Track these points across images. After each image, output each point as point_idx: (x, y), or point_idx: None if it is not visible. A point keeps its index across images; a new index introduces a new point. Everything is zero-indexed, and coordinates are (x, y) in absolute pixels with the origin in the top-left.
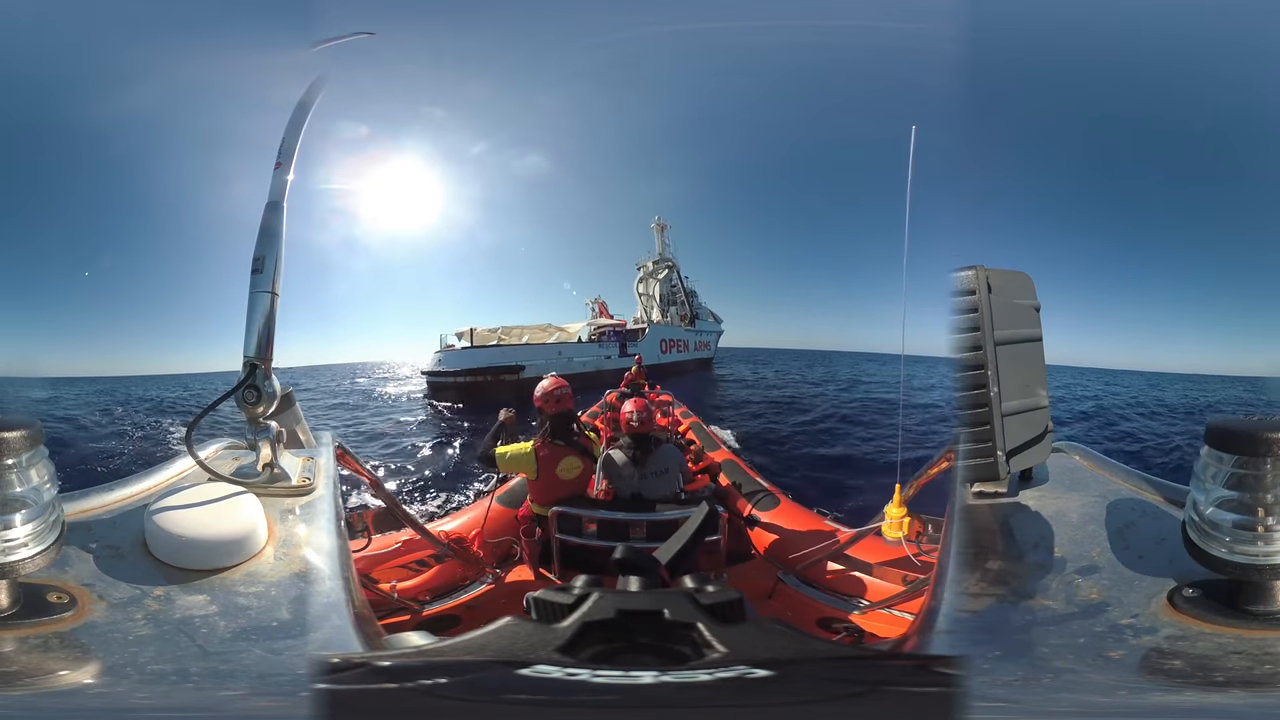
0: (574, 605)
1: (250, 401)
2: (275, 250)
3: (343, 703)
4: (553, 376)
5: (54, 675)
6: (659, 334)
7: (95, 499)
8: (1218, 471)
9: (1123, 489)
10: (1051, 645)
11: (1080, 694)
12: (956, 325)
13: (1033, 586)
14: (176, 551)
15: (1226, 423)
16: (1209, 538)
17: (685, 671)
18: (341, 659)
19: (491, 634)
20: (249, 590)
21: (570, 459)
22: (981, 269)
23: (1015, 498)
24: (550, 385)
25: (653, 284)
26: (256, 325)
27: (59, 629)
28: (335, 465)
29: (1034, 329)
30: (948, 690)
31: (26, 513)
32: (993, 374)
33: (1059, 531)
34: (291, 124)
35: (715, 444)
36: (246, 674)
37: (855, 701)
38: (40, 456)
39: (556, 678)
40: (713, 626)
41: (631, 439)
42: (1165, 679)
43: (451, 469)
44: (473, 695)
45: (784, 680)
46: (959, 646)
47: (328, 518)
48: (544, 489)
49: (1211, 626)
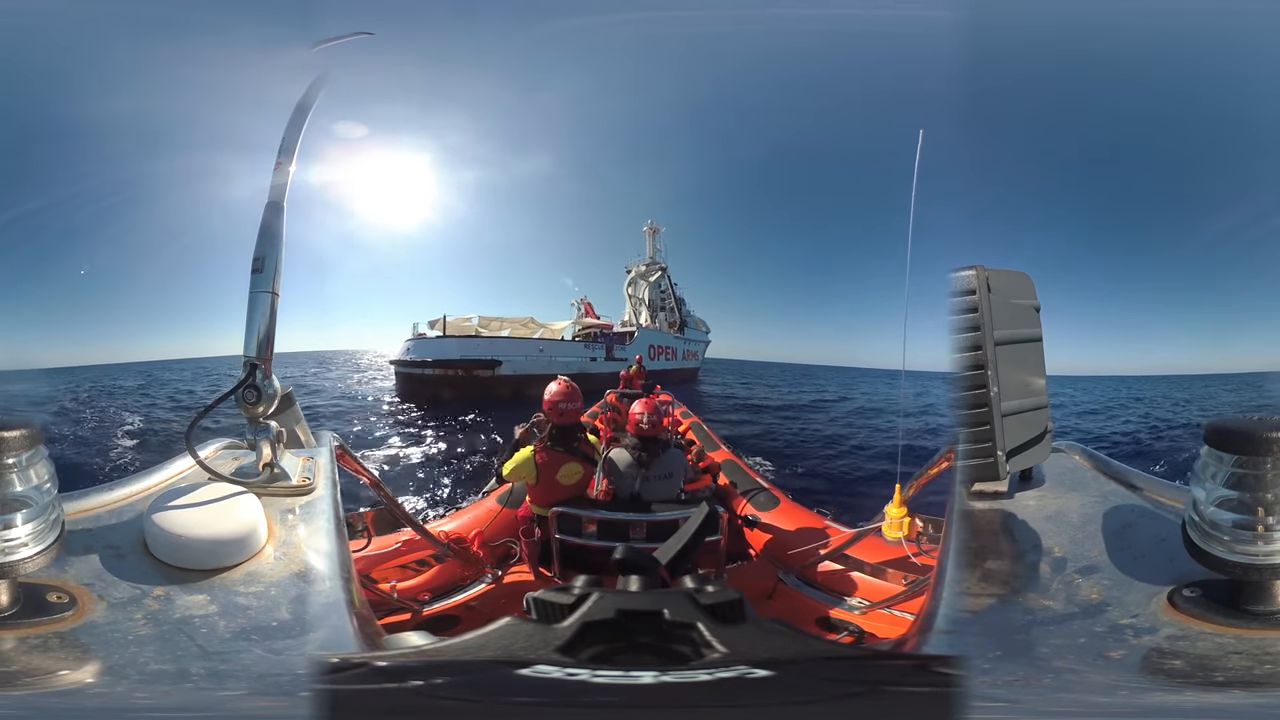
0: (574, 605)
1: (250, 401)
2: (275, 250)
3: (343, 703)
4: (562, 381)
5: (54, 675)
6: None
7: (95, 499)
8: (1217, 471)
9: (1122, 489)
10: (1051, 645)
11: (1080, 694)
12: (956, 325)
13: (1033, 587)
14: (176, 551)
15: (1226, 423)
16: (1209, 538)
17: (685, 672)
18: (341, 659)
19: (491, 634)
20: (249, 590)
21: (571, 465)
22: (982, 269)
23: (1015, 498)
24: (558, 394)
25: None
26: (257, 325)
27: (59, 629)
28: (335, 465)
29: (1034, 329)
30: (948, 690)
31: (26, 513)
32: (993, 374)
33: (1059, 532)
34: (291, 124)
35: (715, 444)
36: (246, 674)
37: (855, 701)
38: (40, 456)
39: (556, 678)
40: (713, 626)
41: (639, 440)
42: (1165, 679)
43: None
44: (473, 695)
45: (784, 680)
46: (959, 646)
47: (328, 518)
48: (544, 493)
49: (1211, 626)
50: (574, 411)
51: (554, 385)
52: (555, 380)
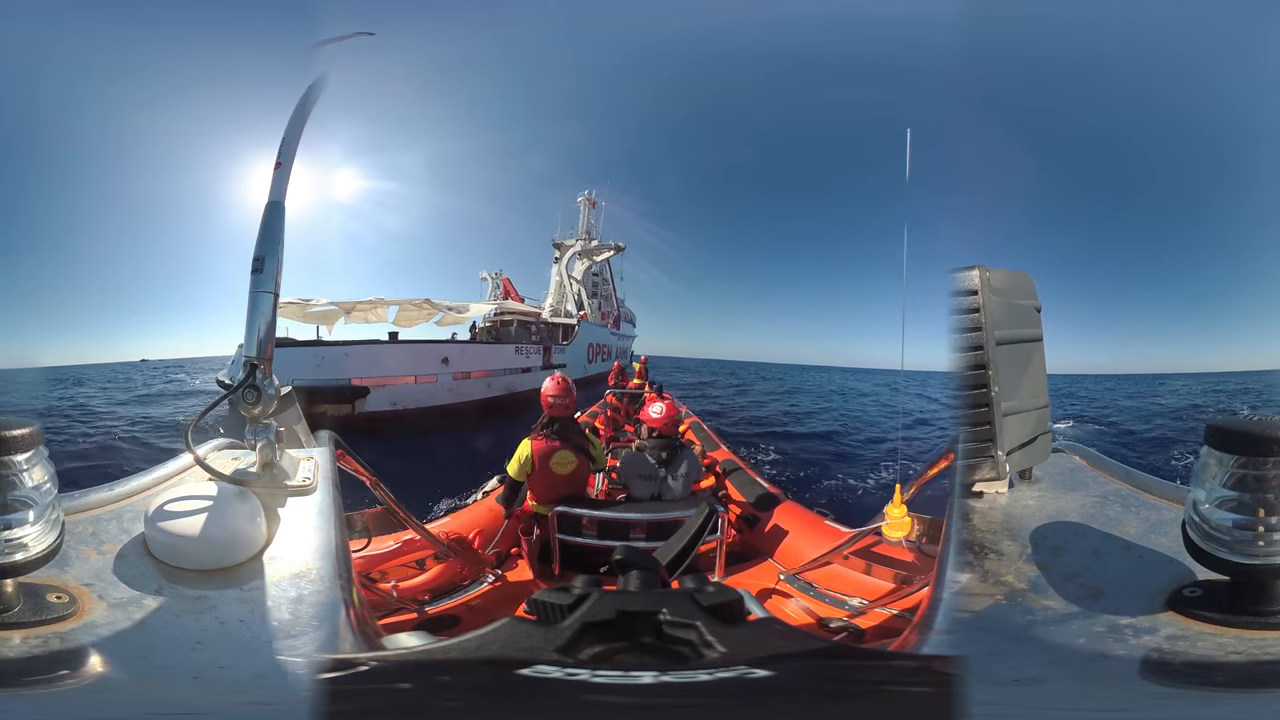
0: (574, 605)
1: (250, 401)
2: (276, 250)
3: (343, 703)
4: (557, 378)
5: (54, 675)
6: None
7: (95, 499)
8: (1218, 471)
9: (1122, 489)
10: (1051, 645)
11: (1080, 694)
12: (957, 325)
13: (1032, 587)
14: (176, 551)
15: (1227, 423)
16: (1209, 538)
17: (685, 672)
18: (341, 659)
19: (491, 634)
20: (248, 590)
21: (563, 453)
22: (982, 269)
23: (1015, 498)
24: (552, 390)
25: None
26: (257, 325)
27: (59, 629)
28: (335, 465)
29: (1035, 329)
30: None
31: (26, 513)
32: (993, 374)
33: (1059, 531)
34: (292, 124)
35: (715, 443)
36: (246, 674)
37: (855, 701)
38: (40, 457)
39: (556, 678)
40: (713, 626)
41: (662, 441)
42: (1165, 679)
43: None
44: (473, 695)
45: (784, 680)
46: (959, 646)
47: (327, 518)
48: (541, 485)
49: (1211, 627)
50: (565, 406)
51: (548, 383)
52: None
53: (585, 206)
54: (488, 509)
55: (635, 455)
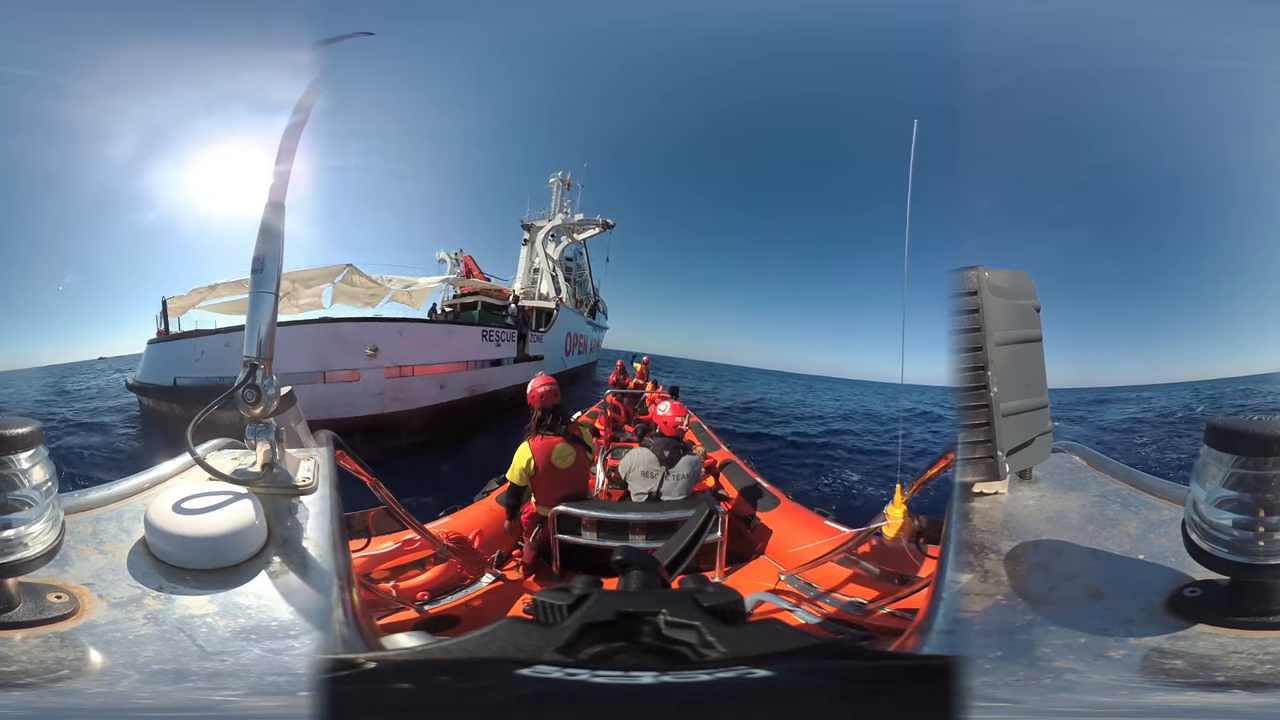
0: (574, 606)
1: (250, 401)
2: (276, 250)
3: (342, 703)
4: (542, 376)
5: (54, 675)
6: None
7: (95, 498)
8: (1218, 471)
9: (1122, 489)
10: (1051, 645)
11: (1080, 694)
12: (956, 325)
13: (1033, 586)
14: (176, 551)
15: (1227, 423)
16: (1209, 538)
17: (685, 672)
18: (341, 659)
19: (491, 634)
20: (248, 590)
21: (561, 446)
22: (982, 269)
23: (1015, 498)
24: (538, 385)
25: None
26: (257, 325)
27: (59, 629)
28: (335, 465)
29: (1034, 329)
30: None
31: (27, 513)
32: (993, 374)
33: (1059, 532)
34: (291, 124)
35: (715, 444)
36: (246, 674)
37: (855, 701)
38: (40, 456)
39: (556, 678)
40: (713, 627)
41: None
42: (1165, 679)
43: None
44: (472, 695)
45: (784, 680)
46: (959, 646)
47: (327, 518)
48: (545, 483)
49: (1211, 627)
50: (552, 394)
51: (534, 381)
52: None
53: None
54: (488, 509)
55: (638, 451)
